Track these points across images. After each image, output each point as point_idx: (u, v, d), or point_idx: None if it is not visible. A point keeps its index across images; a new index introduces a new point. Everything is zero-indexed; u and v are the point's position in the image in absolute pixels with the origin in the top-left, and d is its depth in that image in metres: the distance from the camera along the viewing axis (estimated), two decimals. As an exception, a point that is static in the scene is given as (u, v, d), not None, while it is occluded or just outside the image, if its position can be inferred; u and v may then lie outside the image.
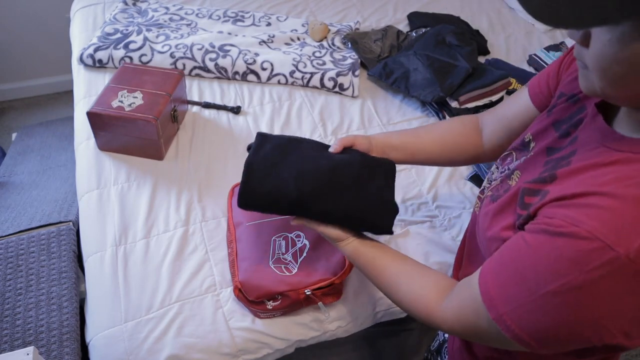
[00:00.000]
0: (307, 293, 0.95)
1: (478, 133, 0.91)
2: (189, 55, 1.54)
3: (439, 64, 1.52)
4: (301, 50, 1.65)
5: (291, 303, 0.97)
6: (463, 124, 0.93)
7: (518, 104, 0.81)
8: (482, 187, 0.78)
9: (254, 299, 0.97)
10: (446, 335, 0.94)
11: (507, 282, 0.54)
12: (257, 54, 1.59)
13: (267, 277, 0.98)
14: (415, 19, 1.87)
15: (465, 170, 1.36)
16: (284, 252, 1.03)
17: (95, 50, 1.54)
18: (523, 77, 1.65)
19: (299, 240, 1.05)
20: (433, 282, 0.71)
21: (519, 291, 0.52)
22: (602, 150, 0.53)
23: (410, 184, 1.32)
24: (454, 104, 1.47)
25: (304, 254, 1.02)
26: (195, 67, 1.55)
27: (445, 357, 0.91)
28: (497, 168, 0.75)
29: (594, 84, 0.51)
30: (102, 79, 1.51)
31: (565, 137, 0.62)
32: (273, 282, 0.97)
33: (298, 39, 1.72)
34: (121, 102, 1.25)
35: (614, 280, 0.46)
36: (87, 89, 1.49)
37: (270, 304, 0.97)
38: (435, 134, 0.92)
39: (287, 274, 0.99)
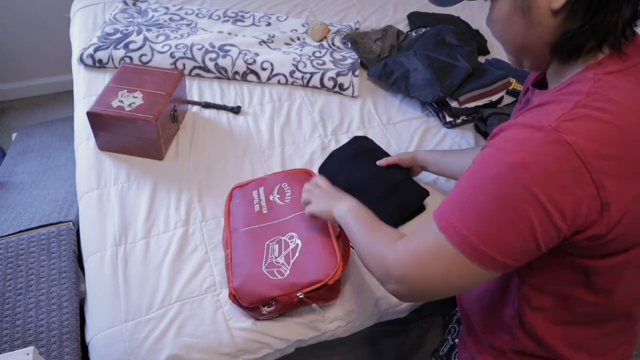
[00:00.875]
0: (300, 297, 0.95)
1: None
2: (189, 55, 1.54)
3: (439, 64, 1.52)
4: (301, 50, 1.65)
5: (285, 306, 0.97)
6: None
7: None
8: None
9: (248, 305, 0.97)
10: (456, 340, 0.94)
11: (455, 193, 0.60)
12: (257, 54, 1.59)
13: (259, 283, 0.97)
14: (415, 19, 1.87)
15: (465, 170, 1.36)
16: (277, 255, 1.02)
17: (95, 50, 1.54)
18: (523, 77, 1.65)
19: (292, 241, 1.04)
20: (396, 233, 0.74)
21: (465, 192, 0.58)
22: (532, 105, 0.64)
23: (410, 184, 1.32)
24: (454, 104, 1.47)
25: (297, 254, 1.01)
26: (195, 67, 1.55)
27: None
28: None
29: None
30: (102, 79, 1.52)
31: None
32: (266, 288, 0.96)
33: (298, 39, 1.72)
34: (121, 102, 1.25)
35: (543, 151, 0.53)
36: (87, 89, 1.49)
37: (265, 309, 0.97)
38: (464, 154, 1.10)
39: (280, 277, 0.98)
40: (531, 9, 0.59)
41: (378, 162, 1.22)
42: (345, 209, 0.86)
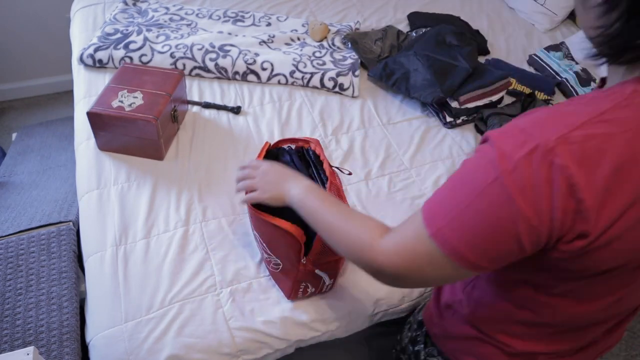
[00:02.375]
0: (304, 262, 0.93)
1: None
2: (189, 55, 1.54)
3: (439, 65, 1.52)
4: (301, 50, 1.65)
5: (307, 277, 0.97)
6: None
7: None
8: None
9: (293, 299, 1.05)
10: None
11: (445, 197, 0.58)
12: (257, 54, 1.59)
13: (278, 280, 1.06)
14: (415, 19, 1.87)
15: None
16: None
17: (96, 50, 1.54)
18: (523, 77, 1.65)
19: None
20: (375, 222, 0.69)
21: (455, 201, 0.56)
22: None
23: (410, 184, 1.32)
24: (455, 104, 1.47)
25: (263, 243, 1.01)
26: (195, 67, 1.55)
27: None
28: None
29: None
30: (102, 79, 1.52)
31: None
32: (282, 281, 1.04)
33: (298, 39, 1.72)
34: (121, 102, 1.25)
35: (530, 167, 0.50)
36: (87, 89, 1.49)
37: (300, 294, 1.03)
38: None
39: (277, 269, 1.02)
40: None
41: None
42: (302, 190, 0.80)
